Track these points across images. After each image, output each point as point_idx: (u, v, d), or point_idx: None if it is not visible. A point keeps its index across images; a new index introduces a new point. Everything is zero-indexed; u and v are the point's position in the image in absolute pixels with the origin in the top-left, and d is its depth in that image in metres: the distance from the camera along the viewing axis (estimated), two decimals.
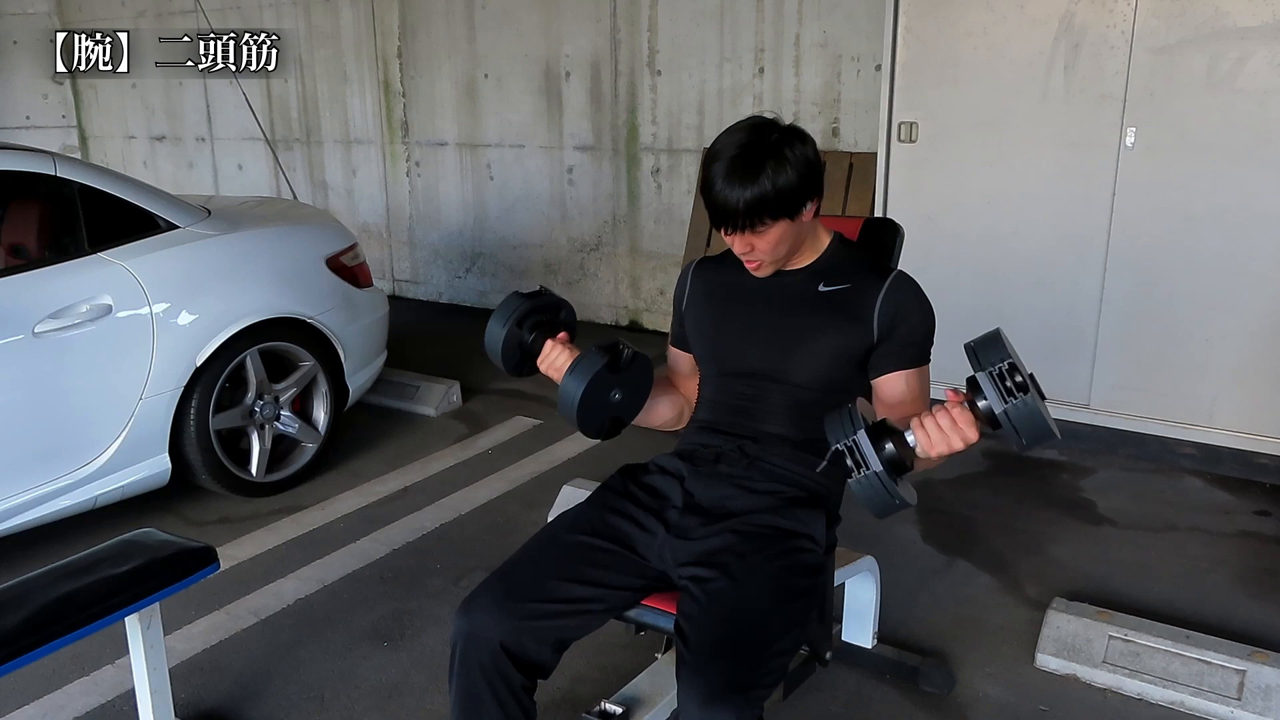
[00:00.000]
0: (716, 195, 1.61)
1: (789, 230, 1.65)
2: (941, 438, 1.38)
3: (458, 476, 3.56)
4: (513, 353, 1.79)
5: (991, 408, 1.33)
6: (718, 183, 1.60)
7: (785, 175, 1.58)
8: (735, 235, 1.65)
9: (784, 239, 1.66)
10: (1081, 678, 2.27)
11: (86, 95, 8.00)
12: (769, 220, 1.61)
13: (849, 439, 1.38)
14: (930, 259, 3.21)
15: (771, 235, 1.63)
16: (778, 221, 1.62)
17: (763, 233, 1.63)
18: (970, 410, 1.38)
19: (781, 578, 1.59)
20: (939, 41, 3.51)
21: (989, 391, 1.33)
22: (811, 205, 1.66)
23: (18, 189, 3.01)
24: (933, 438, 1.39)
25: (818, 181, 1.65)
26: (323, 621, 2.62)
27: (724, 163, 1.59)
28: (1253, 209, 3.12)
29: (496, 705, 1.57)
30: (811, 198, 1.65)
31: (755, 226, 1.61)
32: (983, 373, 1.34)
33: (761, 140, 1.60)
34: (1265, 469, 3.30)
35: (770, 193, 1.58)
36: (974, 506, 3.19)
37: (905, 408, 1.69)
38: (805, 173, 1.61)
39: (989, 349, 1.36)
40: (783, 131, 1.62)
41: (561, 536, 1.70)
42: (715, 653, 1.45)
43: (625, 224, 5.40)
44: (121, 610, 1.77)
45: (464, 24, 5.67)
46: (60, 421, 2.85)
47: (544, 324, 1.79)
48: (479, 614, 1.56)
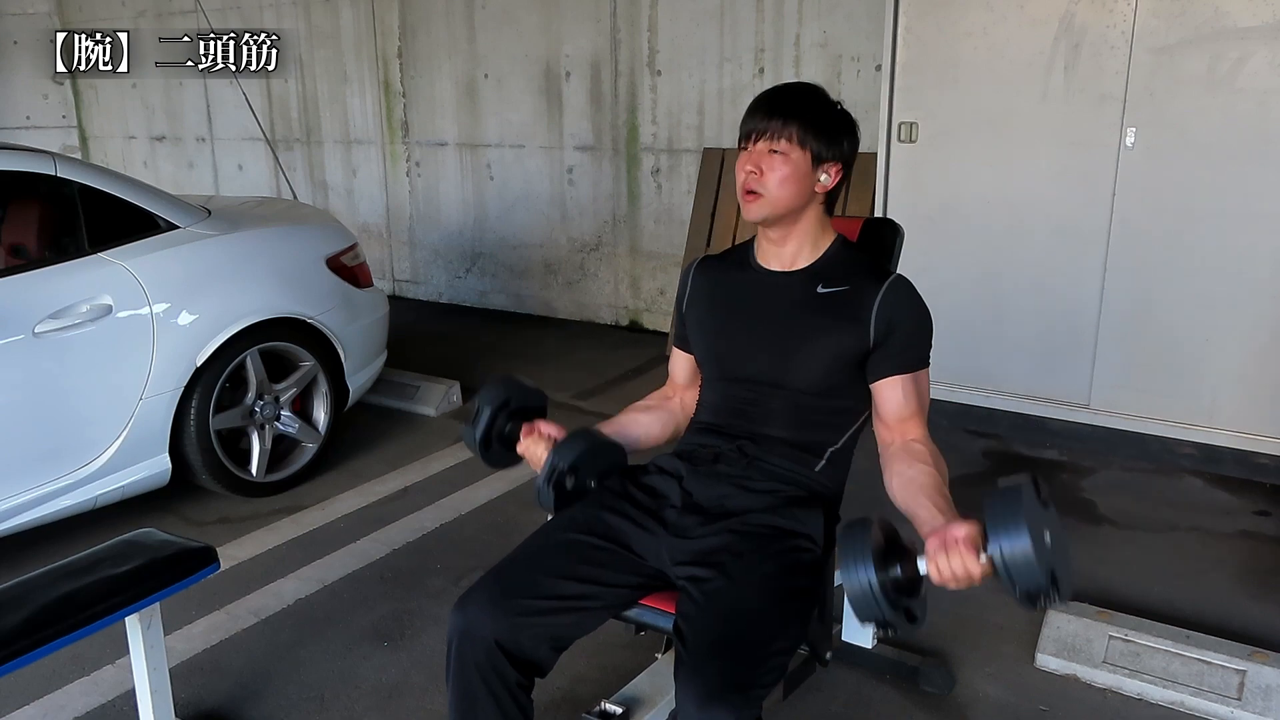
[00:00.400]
0: (764, 95, 1.69)
1: (802, 173, 1.66)
2: (952, 580, 1.37)
3: (458, 476, 3.55)
4: (500, 457, 1.85)
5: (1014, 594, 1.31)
6: (768, 93, 1.70)
7: (834, 115, 1.68)
8: (754, 144, 1.67)
9: (792, 178, 1.66)
10: (1081, 678, 2.27)
11: (86, 95, 8.01)
12: (795, 137, 1.64)
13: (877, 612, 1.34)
14: (930, 259, 3.21)
15: (786, 164, 1.65)
16: (801, 149, 1.65)
17: (780, 155, 1.65)
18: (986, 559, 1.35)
19: (779, 577, 1.59)
20: (939, 41, 3.51)
21: (1019, 599, 1.31)
22: (833, 170, 1.69)
23: (18, 189, 3.01)
24: (944, 576, 1.37)
25: (849, 157, 1.72)
26: (323, 621, 2.62)
27: (784, 85, 1.72)
28: (1253, 209, 3.12)
29: (493, 703, 1.57)
30: (837, 161, 1.69)
31: (780, 135, 1.64)
32: (1007, 577, 1.29)
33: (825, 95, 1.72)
34: (1265, 469, 3.30)
35: (811, 114, 1.66)
36: (974, 507, 3.17)
37: (904, 423, 1.69)
38: (847, 134, 1.71)
39: (1017, 556, 1.27)
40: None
41: (558, 535, 1.70)
42: (713, 652, 1.45)
43: (625, 224, 5.40)
44: (121, 610, 1.77)
45: (464, 24, 5.67)
46: (60, 422, 2.85)
47: (514, 415, 1.84)
48: (474, 611, 1.57)
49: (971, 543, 1.36)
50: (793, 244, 1.75)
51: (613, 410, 2.04)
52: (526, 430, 1.80)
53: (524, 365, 4.70)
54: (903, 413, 1.69)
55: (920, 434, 1.68)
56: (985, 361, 3.67)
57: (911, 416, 1.69)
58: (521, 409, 1.85)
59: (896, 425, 1.70)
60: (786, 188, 1.67)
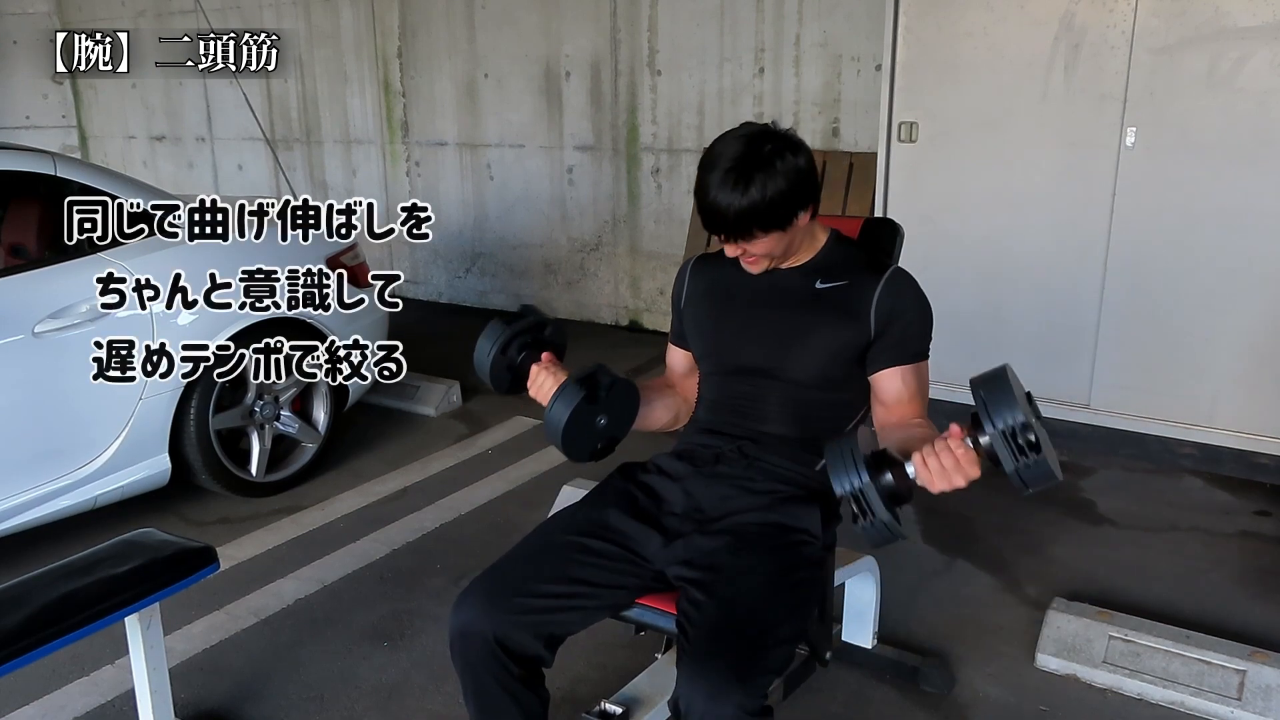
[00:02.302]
0: (709, 203, 1.62)
1: (782, 237, 1.66)
2: (943, 475, 1.37)
3: (458, 476, 3.56)
4: (502, 377, 1.78)
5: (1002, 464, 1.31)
6: (710, 191, 1.61)
7: (776, 186, 1.58)
8: (728, 242, 1.67)
9: (777, 244, 1.67)
10: (1081, 678, 2.26)
11: (86, 95, 8.00)
12: (759, 232, 1.62)
13: (854, 486, 1.35)
14: (930, 259, 3.20)
15: (764, 243, 1.65)
16: (769, 233, 1.63)
17: (754, 241, 1.64)
18: (974, 449, 1.36)
19: (780, 570, 1.60)
20: (939, 41, 3.51)
21: (1000, 451, 1.31)
22: (804, 214, 1.66)
23: (18, 189, 3.01)
24: (934, 474, 1.37)
25: (811, 190, 1.66)
26: (323, 621, 2.62)
27: (717, 173, 1.60)
28: (1253, 209, 3.11)
29: (508, 696, 1.59)
30: (804, 207, 1.65)
31: (746, 237, 1.63)
32: (995, 431, 1.30)
33: (755, 151, 1.59)
34: (1265, 469, 3.30)
35: (761, 205, 1.58)
36: (974, 506, 3.18)
37: (904, 406, 1.69)
38: (797, 183, 1.61)
39: (998, 400, 1.31)
40: (776, 142, 1.61)
41: (555, 534, 1.71)
42: (715, 645, 1.45)
43: (625, 224, 5.40)
44: (121, 610, 1.77)
45: (464, 24, 5.67)
46: (60, 421, 2.85)
47: (530, 344, 1.78)
48: (470, 610, 1.58)
49: (959, 436, 1.36)
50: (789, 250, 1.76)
51: None
52: (538, 366, 1.74)
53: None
54: (902, 398, 1.69)
55: (921, 419, 1.68)
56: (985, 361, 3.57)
57: (911, 401, 1.69)
58: (539, 341, 1.79)
59: (896, 408, 1.70)
60: (776, 249, 1.68)
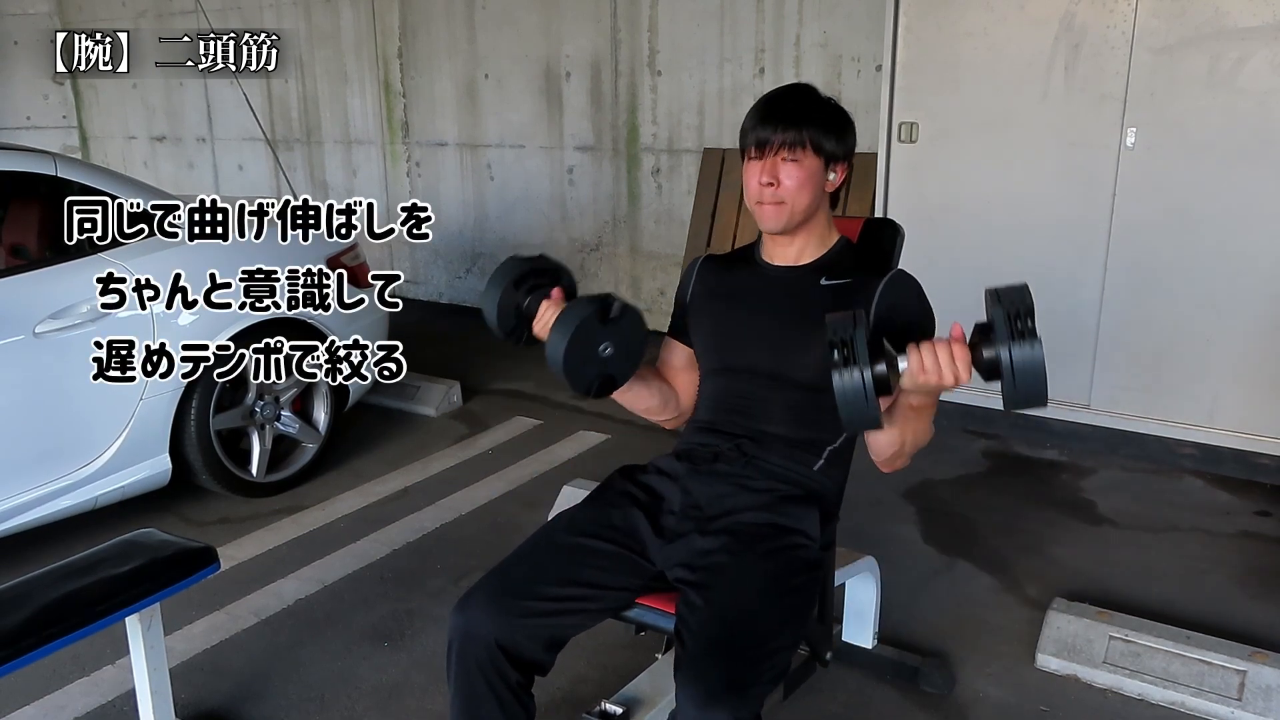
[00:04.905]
0: (769, 97, 1.68)
1: (816, 178, 1.67)
2: (934, 367, 1.37)
3: (458, 477, 3.56)
4: (509, 317, 1.70)
5: (996, 352, 1.31)
6: (768, 101, 1.67)
7: (837, 116, 1.69)
8: (766, 159, 1.66)
9: (809, 183, 1.67)
10: (1082, 678, 2.26)
11: (87, 95, 8.00)
12: (809, 143, 1.64)
13: (848, 335, 1.36)
14: (930, 259, 3.20)
15: (801, 170, 1.65)
16: (815, 155, 1.65)
17: (795, 162, 1.65)
18: (971, 351, 1.36)
19: (776, 575, 1.59)
20: (939, 41, 3.51)
21: (1000, 327, 1.31)
22: (840, 169, 1.71)
23: (18, 189, 3.01)
24: (925, 364, 1.38)
25: (853, 153, 1.73)
26: (323, 621, 2.62)
27: (780, 89, 1.70)
28: (1253, 209, 3.12)
29: (495, 703, 1.57)
30: (844, 160, 1.71)
31: (795, 143, 1.64)
32: (999, 309, 1.32)
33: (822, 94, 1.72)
34: (1265, 469, 3.30)
35: (826, 106, 1.67)
36: (974, 507, 3.18)
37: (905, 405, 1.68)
38: (850, 131, 1.71)
39: (1013, 293, 1.34)
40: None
41: (558, 536, 1.71)
42: (711, 653, 1.45)
43: (625, 224, 5.40)
44: (122, 610, 1.77)
45: (464, 24, 5.67)
46: (61, 422, 2.85)
47: (541, 287, 1.70)
48: (474, 612, 1.57)
49: (959, 334, 1.38)
50: (800, 241, 1.76)
51: (614, 409, 2.04)
52: (548, 301, 1.68)
53: (524, 365, 4.70)
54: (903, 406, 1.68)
55: None
56: None
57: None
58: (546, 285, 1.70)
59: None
60: (805, 194, 1.67)
